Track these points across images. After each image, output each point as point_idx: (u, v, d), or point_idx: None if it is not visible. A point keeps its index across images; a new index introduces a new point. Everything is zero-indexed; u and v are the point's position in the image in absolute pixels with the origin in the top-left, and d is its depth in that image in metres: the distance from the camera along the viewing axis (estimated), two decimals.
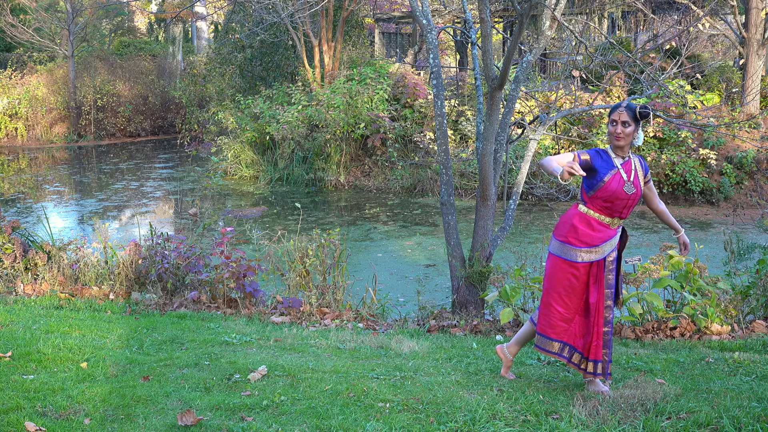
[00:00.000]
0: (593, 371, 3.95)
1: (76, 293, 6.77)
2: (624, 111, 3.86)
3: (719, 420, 3.47)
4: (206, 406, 3.88)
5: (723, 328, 5.37)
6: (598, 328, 3.93)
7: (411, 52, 21.99)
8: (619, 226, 3.98)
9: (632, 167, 3.93)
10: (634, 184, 3.90)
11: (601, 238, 3.90)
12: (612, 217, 3.93)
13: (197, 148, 21.39)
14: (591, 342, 3.93)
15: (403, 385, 4.24)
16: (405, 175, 15.86)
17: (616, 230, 3.96)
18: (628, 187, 3.89)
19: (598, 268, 3.94)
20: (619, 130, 3.87)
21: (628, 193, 3.89)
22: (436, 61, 6.96)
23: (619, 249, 4.01)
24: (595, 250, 3.91)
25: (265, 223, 12.77)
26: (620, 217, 3.94)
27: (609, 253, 3.93)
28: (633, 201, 3.91)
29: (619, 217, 3.94)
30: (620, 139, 3.87)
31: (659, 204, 4.12)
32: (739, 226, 12.03)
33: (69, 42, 23.97)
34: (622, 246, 4.05)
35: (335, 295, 6.69)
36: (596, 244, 3.90)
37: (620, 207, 3.91)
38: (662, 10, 18.88)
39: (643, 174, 3.99)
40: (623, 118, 3.86)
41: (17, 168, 19.52)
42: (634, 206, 3.95)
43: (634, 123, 3.86)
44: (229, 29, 21.93)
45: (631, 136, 3.88)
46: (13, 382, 4.15)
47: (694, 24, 14.35)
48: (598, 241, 3.90)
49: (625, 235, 4.05)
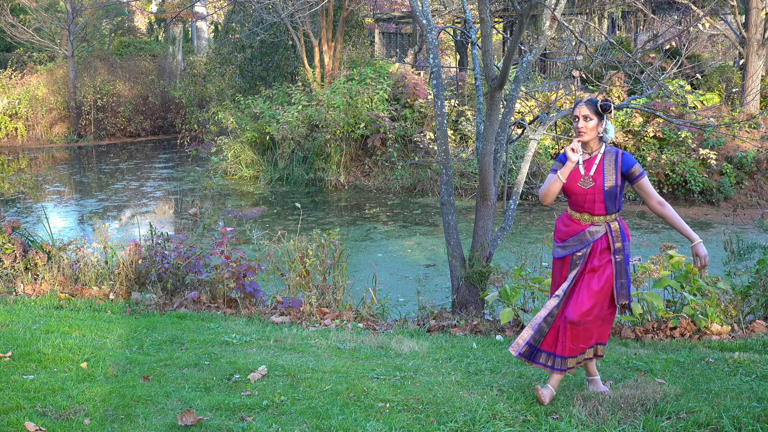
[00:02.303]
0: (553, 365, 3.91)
1: (76, 293, 6.77)
2: (584, 105, 3.85)
3: (719, 420, 3.47)
4: (206, 406, 3.88)
5: (723, 328, 5.37)
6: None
7: (411, 52, 22.00)
8: (593, 223, 3.85)
9: (595, 162, 3.85)
10: (593, 178, 3.83)
11: (568, 233, 3.91)
12: (579, 212, 3.89)
13: (197, 148, 21.39)
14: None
15: (403, 385, 4.24)
16: (405, 175, 15.86)
17: (587, 226, 3.86)
18: (583, 182, 3.84)
19: (566, 264, 3.94)
20: (581, 125, 3.84)
21: (583, 188, 3.84)
22: (436, 61, 6.96)
23: (615, 250, 3.84)
24: (565, 245, 3.92)
25: (265, 223, 12.77)
26: (590, 212, 3.85)
27: (579, 249, 3.86)
28: (594, 195, 3.82)
29: (589, 212, 3.86)
30: (583, 134, 3.84)
31: (657, 206, 3.89)
32: (739, 226, 12.03)
33: (69, 42, 23.98)
34: (620, 247, 3.85)
35: (335, 295, 6.69)
36: (565, 239, 3.93)
37: (582, 202, 3.86)
38: (662, 10, 18.88)
39: (615, 169, 3.83)
40: (584, 113, 3.83)
41: (17, 168, 19.52)
42: (604, 201, 3.81)
43: (597, 117, 3.82)
44: (229, 29, 21.94)
45: (595, 130, 3.83)
46: (13, 382, 4.15)
47: (694, 24, 14.35)
48: (565, 236, 3.93)
49: (620, 234, 3.86)
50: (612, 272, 3.85)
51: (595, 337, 3.91)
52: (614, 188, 3.82)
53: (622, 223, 3.93)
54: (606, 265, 3.85)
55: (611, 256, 3.85)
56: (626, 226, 3.98)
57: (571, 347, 3.84)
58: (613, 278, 3.86)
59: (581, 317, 3.80)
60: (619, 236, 3.87)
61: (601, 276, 3.84)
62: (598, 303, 3.84)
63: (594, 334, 3.89)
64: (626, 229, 3.95)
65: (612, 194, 3.83)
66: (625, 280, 3.88)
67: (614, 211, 3.87)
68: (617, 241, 3.86)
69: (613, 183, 3.82)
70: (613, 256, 3.85)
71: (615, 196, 3.84)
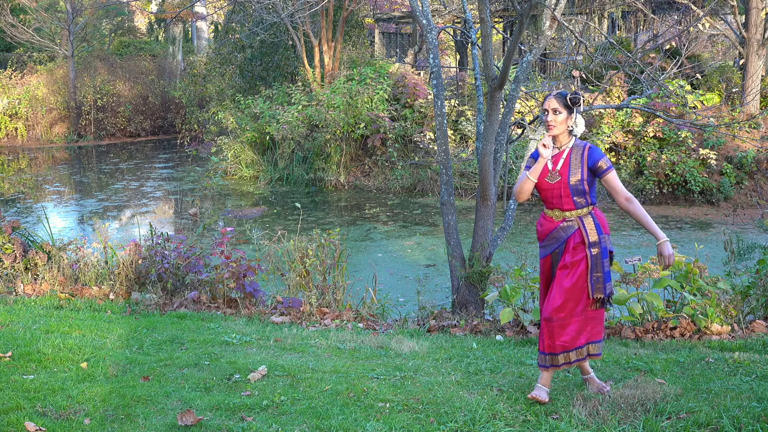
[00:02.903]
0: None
1: (76, 293, 6.77)
2: (553, 98, 3.79)
3: (719, 420, 3.47)
4: (206, 406, 3.88)
5: (723, 328, 5.37)
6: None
7: (411, 52, 22.00)
8: (565, 219, 3.81)
9: (562, 156, 3.81)
10: (560, 173, 3.78)
11: (544, 232, 3.90)
12: (551, 209, 3.87)
13: (197, 148, 21.39)
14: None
15: (403, 385, 4.24)
16: (405, 175, 15.86)
17: (560, 222, 3.82)
18: (551, 177, 3.81)
19: (547, 264, 3.92)
20: (550, 119, 3.79)
21: (550, 182, 3.80)
22: (436, 61, 6.96)
23: (590, 243, 3.76)
24: (545, 245, 3.91)
25: (265, 223, 12.77)
26: (560, 208, 3.81)
27: (557, 247, 3.83)
28: (560, 190, 3.78)
29: (558, 208, 3.82)
30: (552, 128, 3.79)
31: (624, 202, 3.78)
32: (739, 226, 12.03)
33: (69, 42, 23.98)
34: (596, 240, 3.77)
35: (335, 295, 6.69)
36: (543, 239, 3.91)
37: (550, 197, 3.83)
38: (662, 10, 18.88)
39: (581, 163, 3.77)
40: (553, 106, 3.78)
41: (17, 168, 19.52)
42: (571, 196, 3.76)
43: (566, 110, 3.77)
44: (229, 29, 21.95)
45: (564, 124, 3.79)
46: (13, 382, 4.15)
47: (694, 24, 14.35)
48: (542, 236, 3.91)
49: (595, 227, 3.78)
50: (586, 267, 3.77)
51: (585, 335, 3.83)
52: (580, 183, 3.76)
53: (597, 216, 3.83)
54: (580, 261, 3.78)
55: (586, 250, 3.78)
56: (603, 218, 3.87)
57: (549, 344, 3.79)
58: (587, 273, 3.77)
59: (552, 313, 3.76)
60: (594, 230, 3.78)
61: (574, 273, 3.77)
62: (570, 299, 3.76)
63: (574, 331, 3.79)
64: (603, 222, 3.84)
65: (578, 189, 3.77)
66: (602, 273, 3.78)
67: (586, 206, 3.80)
68: (592, 235, 3.78)
69: (578, 177, 3.76)
70: (588, 250, 3.77)
71: (583, 191, 3.77)
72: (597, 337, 3.89)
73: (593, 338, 3.87)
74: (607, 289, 3.79)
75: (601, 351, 3.93)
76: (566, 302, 3.77)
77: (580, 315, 3.80)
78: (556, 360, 3.81)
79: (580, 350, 3.83)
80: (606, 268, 3.80)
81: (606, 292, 3.79)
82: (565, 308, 3.77)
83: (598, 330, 3.89)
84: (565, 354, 3.80)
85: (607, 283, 3.80)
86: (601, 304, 3.83)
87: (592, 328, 3.86)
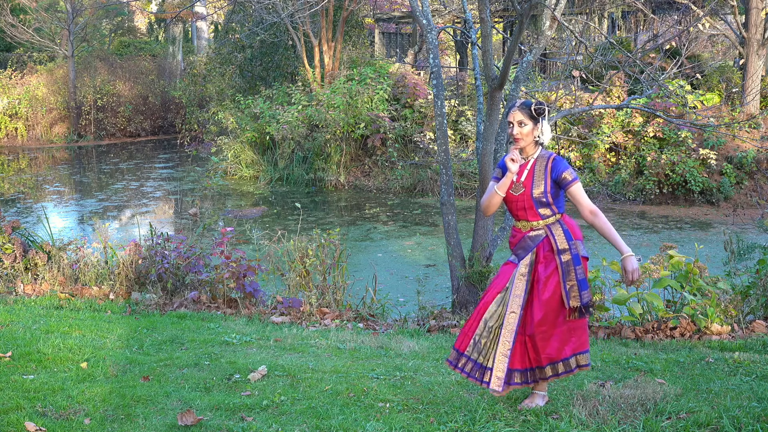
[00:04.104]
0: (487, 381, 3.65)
1: (76, 293, 6.77)
2: (518, 110, 3.64)
3: (719, 420, 3.47)
4: (206, 406, 3.88)
5: (723, 328, 5.37)
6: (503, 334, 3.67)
7: (411, 52, 22.00)
8: (532, 228, 3.69)
9: (527, 167, 3.67)
10: (524, 184, 3.65)
11: (513, 242, 3.79)
12: (518, 220, 3.75)
13: (197, 148, 21.40)
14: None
15: (403, 385, 4.24)
16: (405, 175, 15.86)
17: (527, 232, 3.69)
18: (515, 188, 3.68)
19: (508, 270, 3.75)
20: (516, 131, 3.64)
21: (515, 194, 3.68)
22: (436, 61, 6.96)
23: (560, 250, 3.63)
24: (516, 254, 3.76)
25: (265, 223, 12.77)
26: (525, 219, 3.69)
27: (524, 256, 3.69)
28: (524, 202, 3.66)
29: (524, 219, 3.70)
30: (519, 141, 3.64)
31: (588, 215, 3.62)
32: (739, 226, 12.03)
33: (69, 42, 23.98)
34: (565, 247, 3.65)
35: (335, 295, 6.69)
36: (514, 249, 3.78)
37: (515, 209, 3.71)
38: (662, 10, 18.88)
39: (545, 174, 3.65)
40: (518, 118, 3.63)
41: (17, 168, 19.52)
42: (535, 208, 3.64)
43: (531, 121, 3.62)
44: (229, 29, 21.95)
45: (530, 135, 3.64)
46: (13, 382, 4.15)
47: (694, 24, 14.34)
48: (513, 246, 3.80)
49: (564, 235, 3.66)
50: (559, 277, 3.64)
51: (570, 346, 3.69)
52: (543, 195, 3.62)
53: (567, 223, 3.69)
54: (554, 272, 3.64)
55: (555, 258, 3.65)
56: (574, 225, 3.72)
57: (535, 357, 3.67)
58: (560, 282, 3.64)
59: (534, 328, 3.63)
60: (563, 237, 3.65)
61: (550, 284, 3.64)
62: (550, 311, 3.64)
63: (558, 342, 3.65)
64: (573, 229, 3.70)
65: (542, 201, 3.63)
66: (575, 281, 3.62)
67: (552, 215, 3.67)
68: (561, 242, 3.64)
69: (542, 190, 3.63)
70: (557, 257, 3.64)
71: (547, 203, 3.64)
72: (583, 348, 3.73)
73: (579, 349, 3.72)
74: (584, 298, 3.63)
75: (589, 362, 3.77)
76: (547, 314, 3.64)
77: (563, 325, 3.67)
78: (543, 373, 3.68)
79: (567, 362, 3.69)
80: (580, 275, 3.64)
81: (583, 301, 3.63)
82: (547, 321, 3.64)
83: (584, 340, 3.74)
84: (552, 366, 3.67)
85: (584, 291, 3.64)
86: (580, 313, 3.66)
87: (577, 338, 3.71)
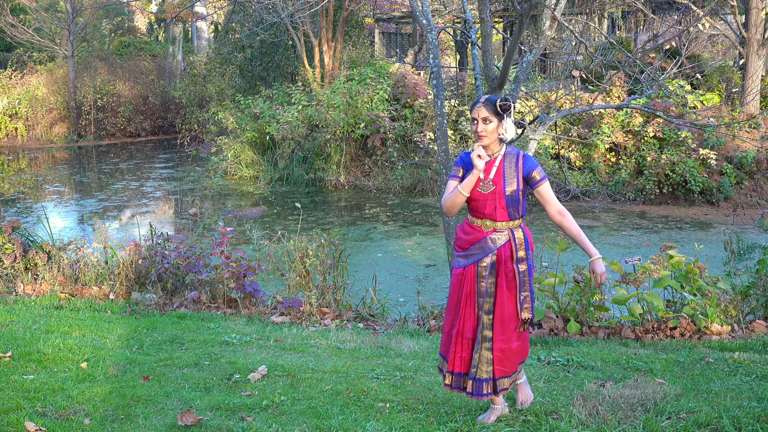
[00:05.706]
0: (471, 391, 3.56)
1: (76, 293, 6.77)
2: (482, 107, 3.51)
3: (719, 420, 3.47)
4: (206, 406, 3.88)
5: (723, 328, 5.37)
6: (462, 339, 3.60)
7: (411, 52, 22.01)
8: (495, 230, 3.56)
9: (494, 165, 3.55)
10: (493, 182, 3.53)
11: (470, 241, 3.61)
12: (480, 218, 3.59)
13: (197, 148, 21.40)
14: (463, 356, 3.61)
15: (403, 385, 4.24)
16: (405, 175, 15.86)
17: (489, 233, 3.56)
18: (483, 187, 3.54)
19: (468, 274, 3.61)
20: (480, 129, 3.52)
21: (483, 193, 3.54)
22: (436, 61, 6.96)
23: (518, 259, 3.55)
24: (468, 254, 3.62)
25: (265, 223, 12.77)
26: (491, 218, 3.55)
27: (482, 258, 3.57)
28: (495, 201, 3.53)
29: (490, 219, 3.55)
30: (483, 138, 3.52)
31: (556, 215, 3.57)
32: (739, 226, 12.03)
33: (69, 42, 23.98)
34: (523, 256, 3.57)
35: (335, 295, 6.69)
36: (466, 248, 3.65)
37: (481, 207, 3.56)
38: (662, 10, 18.89)
39: (516, 172, 3.55)
40: (483, 115, 3.51)
41: (17, 168, 19.52)
42: (506, 207, 3.53)
43: (496, 118, 3.50)
44: (229, 29, 21.95)
45: (495, 133, 3.52)
46: (13, 382, 4.15)
47: (694, 24, 14.34)
48: (467, 244, 3.62)
49: (524, 242, 3.58)
50: (516, 286, 3.56)
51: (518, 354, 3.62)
52: (516, 193, 3.54)
53: (526, 230, 3.62)
54: (512, 280, 3.56)
55: (513, 266, 3.56)
56: (530, 234, 3.66)
57: (501, 369, 3.57)
58: (517, 292, 3.56)
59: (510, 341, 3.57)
60: (523, 245, 3.57)
61: (512, 293, 3.57)
62: (512, 320, 3.56)
63: (519, 351, 3.61)
64: (530, 238, 3.64)
65: (514, 199, 3.54)
66: (528, 293, 3.56)
67: (517, 217, 3.57)
68: (520, 249, 3.56)
69: (514, 187, 3.54)
70: (515, 266, 3.55)
71: (518, 201, 3.55)
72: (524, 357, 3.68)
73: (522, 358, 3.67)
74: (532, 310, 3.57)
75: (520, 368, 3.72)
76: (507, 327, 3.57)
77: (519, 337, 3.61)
78: (502, 384, 3.59)
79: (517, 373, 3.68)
80: (532, 286, 3.58)
81: (533, 313, 3.58)
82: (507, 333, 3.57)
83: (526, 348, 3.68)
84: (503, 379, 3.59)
85: (534, 303, 3.60)
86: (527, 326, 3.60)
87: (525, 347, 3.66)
